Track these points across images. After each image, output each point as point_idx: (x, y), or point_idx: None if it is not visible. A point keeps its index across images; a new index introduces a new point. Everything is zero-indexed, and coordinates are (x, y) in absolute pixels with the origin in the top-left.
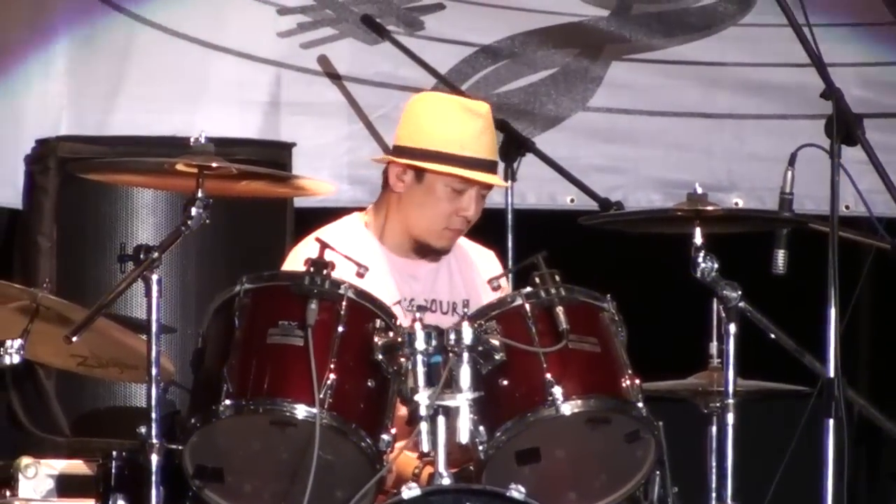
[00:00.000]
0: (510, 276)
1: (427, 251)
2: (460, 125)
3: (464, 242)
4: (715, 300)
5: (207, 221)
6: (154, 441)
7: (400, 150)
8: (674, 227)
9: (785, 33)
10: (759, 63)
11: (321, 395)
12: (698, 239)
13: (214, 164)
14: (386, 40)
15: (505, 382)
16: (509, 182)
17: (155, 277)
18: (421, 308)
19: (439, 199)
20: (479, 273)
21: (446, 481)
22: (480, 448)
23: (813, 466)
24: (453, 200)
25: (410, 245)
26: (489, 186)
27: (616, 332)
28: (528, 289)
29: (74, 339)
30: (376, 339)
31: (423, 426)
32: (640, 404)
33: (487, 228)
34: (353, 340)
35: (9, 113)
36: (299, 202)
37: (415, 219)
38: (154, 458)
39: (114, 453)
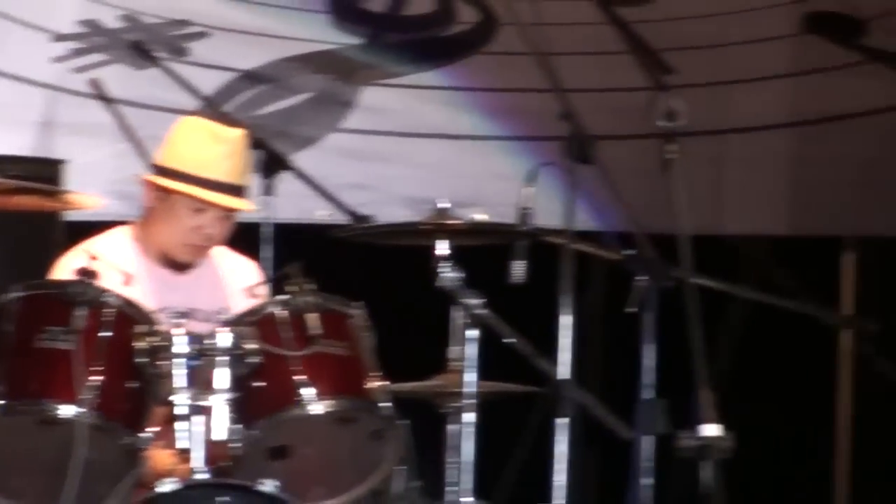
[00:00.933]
0: (269, 284)
1: (175, 263)
2: (204, 148)
3: (226, 254)
4: (457, 307)
5: None
6: None
7: (154, 168)
8: (420, 239)
9: (527, 61)
10: (502, 88)
11: (86, 396)
12: (441, 250)
13: None
14: (154, 66)
15: (260, 384)
16: (264, 201)
17: None
18: (181, 315)
19: (181, 216)
20: (238, 282)
21: (201, 476)
22: (234, 445)
23: (546, 462)
24: (194, 218)
25: (163, 256)
26: (231, 209)
27: (364, 337)
28: (283, 296)
29: None
30: (139, 343)
31: (181, 424)
32: (386, 404)
33: (246, 240)
34: (117, 344)
35: None
36: (69, 215)
37: (159, 232)
38: None
39: None
